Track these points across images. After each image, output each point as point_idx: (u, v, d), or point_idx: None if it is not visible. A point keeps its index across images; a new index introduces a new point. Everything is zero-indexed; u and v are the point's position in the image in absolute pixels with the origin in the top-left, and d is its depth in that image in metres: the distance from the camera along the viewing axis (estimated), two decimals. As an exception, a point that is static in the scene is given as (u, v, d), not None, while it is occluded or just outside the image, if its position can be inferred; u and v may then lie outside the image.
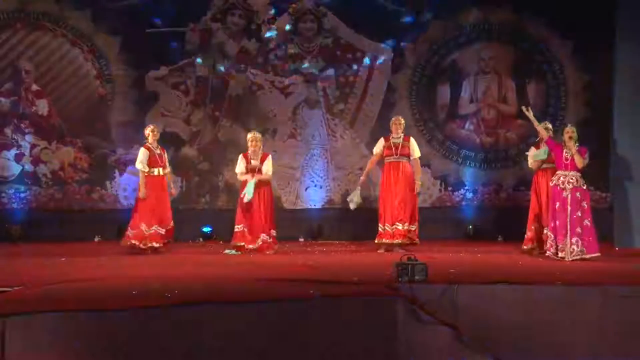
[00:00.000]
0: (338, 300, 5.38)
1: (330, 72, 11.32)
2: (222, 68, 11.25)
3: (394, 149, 8.91)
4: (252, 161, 8.80)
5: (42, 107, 11.05)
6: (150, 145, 8.91)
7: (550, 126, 8.81)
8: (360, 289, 5.71)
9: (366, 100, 11.32)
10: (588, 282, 5.94)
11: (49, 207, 10.95)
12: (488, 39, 11.28)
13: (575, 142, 7.90)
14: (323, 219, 11.17)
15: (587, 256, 7.64)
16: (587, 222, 7.73)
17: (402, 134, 9.00)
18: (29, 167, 11.01)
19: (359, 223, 10.23)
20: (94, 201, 11.05)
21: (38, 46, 11.04)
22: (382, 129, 11.13)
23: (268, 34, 11.21)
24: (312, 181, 11.35)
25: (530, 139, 10.77)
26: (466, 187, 11.27)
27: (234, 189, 11.10)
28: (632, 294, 5.58)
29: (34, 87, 11.05)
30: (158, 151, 8.96)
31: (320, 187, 11.34)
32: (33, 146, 11.04)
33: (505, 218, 10.66)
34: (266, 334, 5.11)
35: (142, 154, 8.87)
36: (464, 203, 11.27)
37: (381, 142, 9.05)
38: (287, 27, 11.25)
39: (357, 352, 5.26)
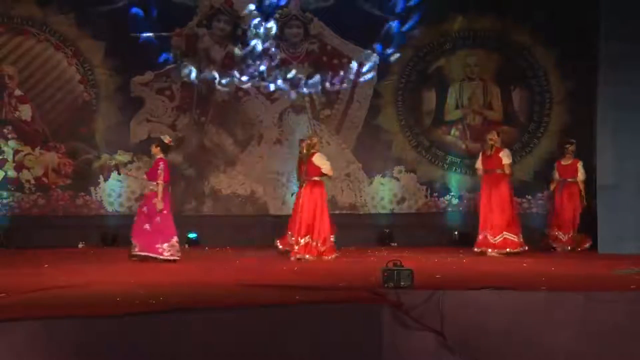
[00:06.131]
0: (323, 306, 5.37)
1: (317, 78, 11.32)
2: (207, 73, 11.22)
3: None
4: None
5: (26, 112, 10.96)
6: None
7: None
8: (346, 294, 5.70)
9: (352, 106, 11.31)
10: (572, 288, 5.97)
11: (32, 214, 10.86)
12: (473, 46, 11.32)
13: None
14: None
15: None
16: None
17: None
18: (12, 173, 10.91)
19: (344, 229, 10.21)
20: (78, 207, 10.96)
21: (21, 51, 10.96)
22: (367, 135, 11.17)
23: (253, 41, 11.19)
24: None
25: (515, 145, 10.88)
26: (452, 193, 11.29)
27: (219, 195, 11.09)
28: (615, 299, 5.61)
29: (17, 92, 10.96)
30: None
31: (306, 193, 11.29)
32: (16, 152, 10.94)
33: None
34: (250, 340, 5.09)
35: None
36: (449, 209, 11.28)
37: None
38: (273, 32, 11.24)
39: (342, 359, 5.25)
